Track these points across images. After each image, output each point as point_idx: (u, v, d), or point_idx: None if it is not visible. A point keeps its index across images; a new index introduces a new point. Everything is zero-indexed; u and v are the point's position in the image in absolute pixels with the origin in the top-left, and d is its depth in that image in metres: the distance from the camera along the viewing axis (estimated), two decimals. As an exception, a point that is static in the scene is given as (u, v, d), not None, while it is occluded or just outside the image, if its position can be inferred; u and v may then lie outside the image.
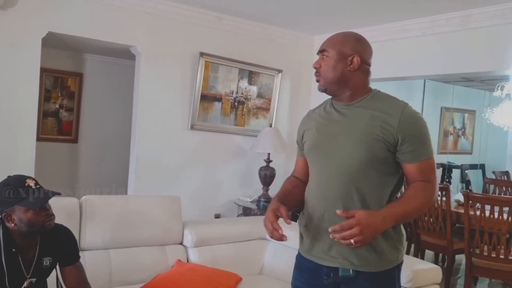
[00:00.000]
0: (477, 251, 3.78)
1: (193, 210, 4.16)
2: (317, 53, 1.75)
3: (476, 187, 6.79)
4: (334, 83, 1.68)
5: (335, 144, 1.68)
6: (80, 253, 2.57)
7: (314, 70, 1.73)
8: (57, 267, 2.07)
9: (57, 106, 4.99)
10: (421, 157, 1.60)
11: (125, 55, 4.25)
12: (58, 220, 2.17)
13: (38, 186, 1.88)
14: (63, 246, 2.03)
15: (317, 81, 1.74)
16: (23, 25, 3.41)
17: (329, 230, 1.50)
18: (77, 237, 2.59)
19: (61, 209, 2.55)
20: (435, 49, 3.93)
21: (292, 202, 1.84)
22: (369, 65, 1.72)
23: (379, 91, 1.72)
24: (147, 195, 3.54)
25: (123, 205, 2.82)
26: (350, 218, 1.47)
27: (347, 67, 1.65)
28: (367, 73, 1.71)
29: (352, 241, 1.44)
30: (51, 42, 3.71)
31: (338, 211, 1.52)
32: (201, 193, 4.35)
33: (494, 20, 3.39)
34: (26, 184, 1.85)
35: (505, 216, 3.62)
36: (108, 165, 5.18)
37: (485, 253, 3.70)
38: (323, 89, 1.72)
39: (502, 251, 3.65)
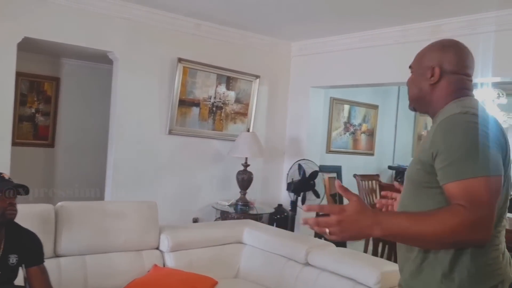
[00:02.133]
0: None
1: (171, 215, 4.19)
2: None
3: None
4: (416, 100, 1.51)
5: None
6: (55, 260, 2.62)
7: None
8: (24, 269, 2.11)
9: (33, 110, 4.96)
10: (454, 177, 1.21)
11: (103, 59, 4.26)
12: (33, 226, 2.26)
13: (9, 179, 2.06)
14: (29, 246, 2.12)
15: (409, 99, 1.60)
16: (-1, 30, 3.40)
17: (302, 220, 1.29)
18: (52, 244, 2.62)
19: (37, 215, 2.58)
20: (407, 57, 4.02)
21: None
22: (458, 73, 1.43)
23: (456, 101, 1.40)
24: (123, 200, 3.56)
25: (99, 211, 2.84)
26: (347, 197, 1.27)
27: (426, 81, 1.45)
28: (455, 83, 1.43)
29: (326, 230, 1.22)
30: (27, 46, 3.70)
31: (337, 182, 1.33)
32: (179, 197, 4.38)
33: (462, 31, 3.52)
34: (0, 175, 2.03)
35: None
36: (85, 170, 5.16)
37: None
38: (412, 108, 1.57)
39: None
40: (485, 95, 5.76)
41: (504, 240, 1.36)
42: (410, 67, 1.55)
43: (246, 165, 4.43)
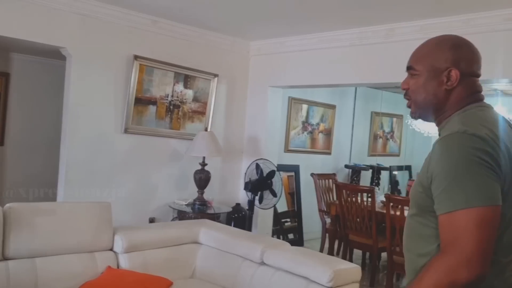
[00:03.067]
0: (398, 249, 4.03)
1: (127, 215, 4.13)
2: (406, 71, 1.39)
3: (403, 187, 7.19)
4: (425, 108, 1.34)
5: None
6: (4, 263, 2.54)
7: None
8: None
9: (-19, 107, 4.76)
10: (443, 208, 1.15)
11: (56, 55, 4.13)
12: None
13: None
14: None
15: (408, 106, 1.39)
16: None
17: None
18: (0, 246, 2.52)
19: (-17, 217, 2.47)
20: (363, 59, 4.13)
21: None
22: (473, 75, 1.32)
23: (461, 112, 1.29)
24: (75, 201, 3.48)
25: (50, 212, 2.77)
26: None
27: (442, 85, 1.29)
28: (472, 86, 1.31)
29: None
30: (-26, 41, 3.55)
31: None
32: (135, 197, 4.31)
33: (414, 35, 3.63)
34: None
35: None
36: (36, 169, 5.00)
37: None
38: (416, 117, 1.39)
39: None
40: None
41: None
42: (410, 68, 1.36)
43: (203, 164, 4.42)
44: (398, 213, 4.00)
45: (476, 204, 1.11)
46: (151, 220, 4.39)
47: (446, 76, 1.28)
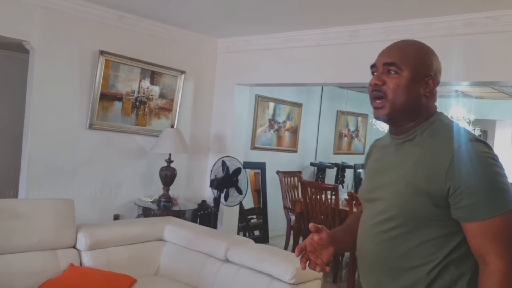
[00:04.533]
0: (360, 246, 4.14)
1: (92, 212, 4.08)
2: (372, 66, 1.33)
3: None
4: (403, 110, 1.27)
5: (377, 193, 1.33)
6: (-40, 261, 2.47)
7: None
8: None
9: None
10: (484, 214, 1.14)
11: (19, 48, 4.03)
12: None
13: None
14: None
15: (378, 107, 1.30)
16: None
17: None
18: (-43, 244, 2.47)
19: None
20: (328, 59, 4.21)
21: (348, 236, 1.46)
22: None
23: (441, 116, 1.32)
24: (37, 198, 3.42)
25: (10, 209, 2.71)
26: None
27: (422, 90, 1.27)
28: (436, 96, 1.33)
29: None
30: None
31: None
32: (100, 194, 4.26)
33: (377, 36, 3.73)
34: None
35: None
36: (-2, 164, 4.87)
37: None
38: (386, 118, 1.30)
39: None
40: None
41: None
42: (392, 64, 1.27)
43: (169, 161, 4.41)
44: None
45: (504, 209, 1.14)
46: (116, 217, 4.35)
47: (426, 83, 1.27)
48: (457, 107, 6.87)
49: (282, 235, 5.78)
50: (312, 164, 7.05)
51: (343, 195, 5.00)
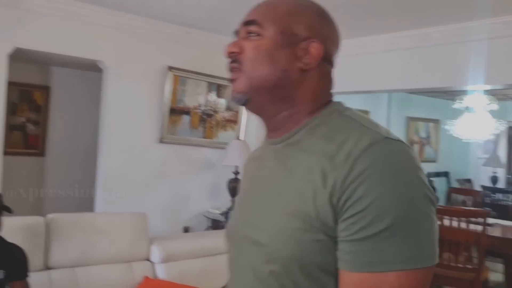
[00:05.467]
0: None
1: (163, 224, 4.18)
2: (236, 30, 0.97)
3: (441, 194, 7.01)
4: (267, 90, 0.87)
5: (251, 232, 0.88)
6: (46, 272, 2.61)
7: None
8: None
9: (23, 119, 4.93)
10: (371, 265, 0.71)
11: (93, 68, 4.24)
12: (23, 238, 2.27)
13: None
14: (15, 261, 2.14)
15: (232, 80, 0.91)
16: (-13, 41, 3.38)
17: None
18: (42, 256, 2.60)
19: (27, 228, 2.56)
20: (397, 65, 4.07)
21: None
22: (332, 64, 0.93)
23: (339, 106, 0.90)
24: (113, 212, 3.54)
25: (89, 222, 2.83)
26: None
27: (296, 61, 0.86)
28: (328, 78, 0.92)
29: None
30: (17, 55, 3.68)
31: None
32: (170, 206, 4.36)
33: (451, 39, 3.55)
34: None
35: (464, 226, 3.78)
36: (75, 179, 5.12)
37: (445, 262, 3.84)
38: (243, 99, 0.89)
39: (460, 260, 3.80)
40: (475, 101, 5.82)
41: None
42: (250, 22, 0.91)
43: (236, 172, 4.43)
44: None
45: (420, 264, 0.71)
46: (186, 230, 4.43)
47: (303, 49, 0.86)
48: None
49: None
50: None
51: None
